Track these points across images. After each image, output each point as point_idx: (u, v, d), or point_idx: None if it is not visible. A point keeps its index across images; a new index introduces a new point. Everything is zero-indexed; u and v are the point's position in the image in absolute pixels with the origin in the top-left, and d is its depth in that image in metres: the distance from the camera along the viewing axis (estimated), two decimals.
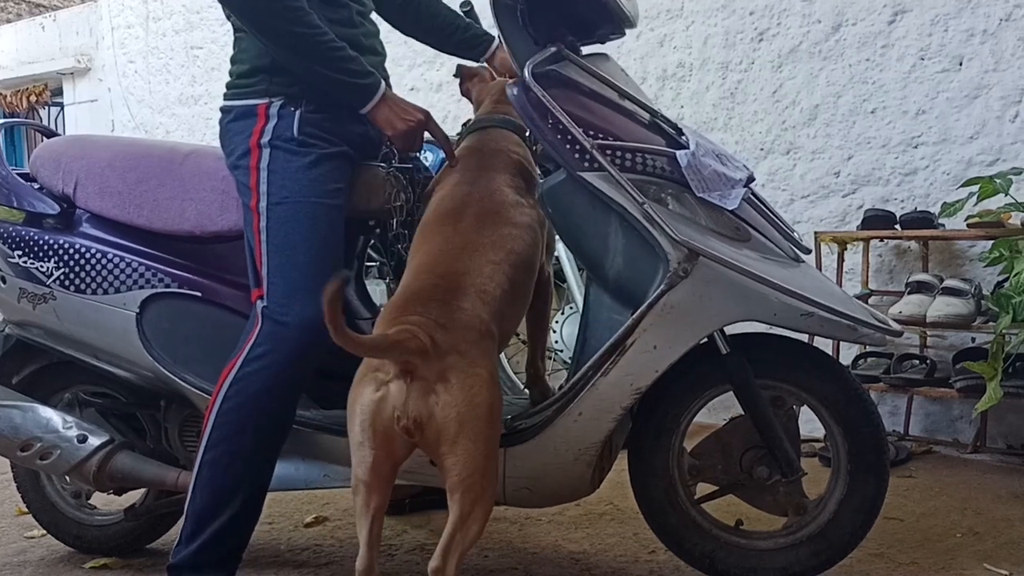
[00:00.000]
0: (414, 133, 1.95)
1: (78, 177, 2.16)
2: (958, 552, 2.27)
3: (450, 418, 1.56)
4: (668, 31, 4.02)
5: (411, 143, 1.98)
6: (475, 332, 1.66)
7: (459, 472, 1.57)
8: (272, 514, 2.66)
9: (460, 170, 1.98)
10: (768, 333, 1.90)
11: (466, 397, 1.57)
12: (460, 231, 1.83)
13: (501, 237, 1.83)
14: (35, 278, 2.12)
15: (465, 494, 1.57)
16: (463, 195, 1.91)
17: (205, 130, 5.74)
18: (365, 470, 1.61)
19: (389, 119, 1.92)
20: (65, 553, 2.43)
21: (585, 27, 1.95)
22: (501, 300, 1.76)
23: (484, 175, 1.94)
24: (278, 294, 1.87)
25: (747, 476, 1.92)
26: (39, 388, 2.26)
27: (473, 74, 2.24)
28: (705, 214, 1.81)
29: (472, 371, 1.60)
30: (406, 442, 1.61)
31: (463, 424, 1.56)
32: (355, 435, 1.61)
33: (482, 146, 2.02)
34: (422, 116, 1.96)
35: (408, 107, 1.95)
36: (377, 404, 1.58)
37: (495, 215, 1.87)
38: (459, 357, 1.60)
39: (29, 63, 7.23)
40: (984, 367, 2.68)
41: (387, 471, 1.63)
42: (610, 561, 2.27)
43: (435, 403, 1.57)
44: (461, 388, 1.58)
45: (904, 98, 3.47)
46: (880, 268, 3.51)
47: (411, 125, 1.94)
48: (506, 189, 1.92)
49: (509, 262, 1.81)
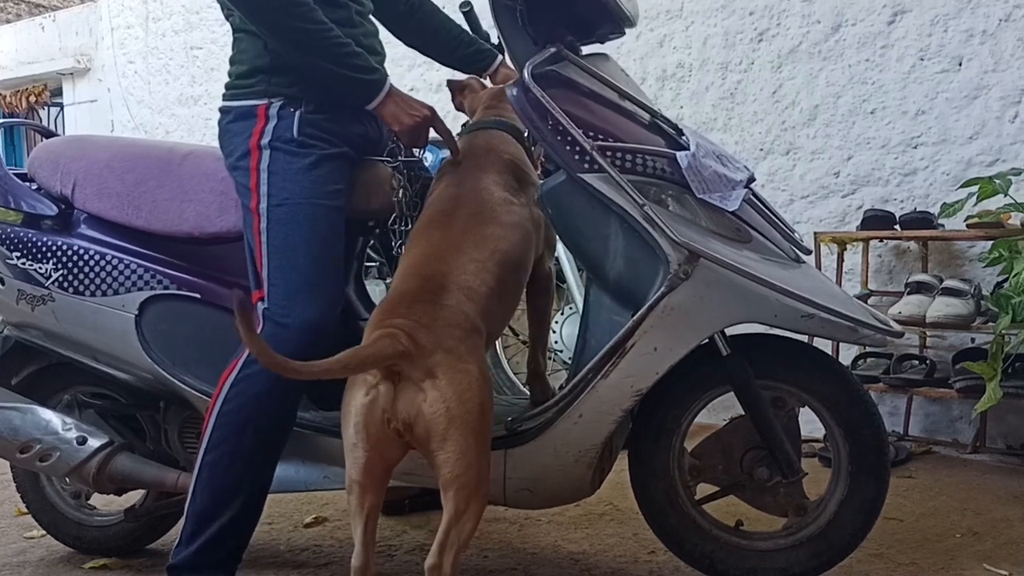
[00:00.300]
0: (420, 128, 1.96)
1: (76, 178, 2.15)
2: (958, 552, 2.27)
3: (438, 414, 1.56)
4: (668, 31, 4.02)
5: (417, 138, 1.98)
6: (460, 329, 1.66)
7: (451, 468, 1.57)
8: (272, 514, 2.65)
9: (449, 172, 1.99)
10: (768, 334, 1.90)
11: (454, 392, 1.58)
12: (446, 232, 1.83)
13: (486, 236, 1.83)
14: (34, 280, 2.11)
15: (459, 491, 1.58)
16: (450, 197, 1.92)
17: (204, 130, 5.74)
18: (358, 471, 1.62)
19: (396, 114, 1.93)
20: (65, 553, 2.43)
21: (585, 27, 1.95)
22: (487, 298, 1.77)
23: (472, 175, 1.95)
24: (279, 296, 1.87)
25: (747, 477, 1.92)
26: (38, 390, 2.26)
27: (463, 86, 2.24)
28: (706, 215, 1.81)
29: (460, 367, 1.61)
30: (399, 443, 1.61)
31: (452, 420, 1.57)
32: (349, 437, 1.62)
33: (472, 147, 2.03)
34: (428, 112, 1.96)
35: (414, 103, 1.96)
36: (368, 407, 1.59)
37: (480, 214, 1.87)
38: (445, 354, 1.61)
39: (29, 63, 7.23)
40: (984, 367, 2.68)
41: (380, 472, 1.64)
42: (610, 562, 2.26)
43: (423, 400, 1.57)
44: (449, 384, 1.58)
45: (904, 98, 3.47)
46: (880, 268, 3.51)
47: (417, 120, 1.94)
48: (493, 188, 1.92)
49: (495, 260, 1.82)
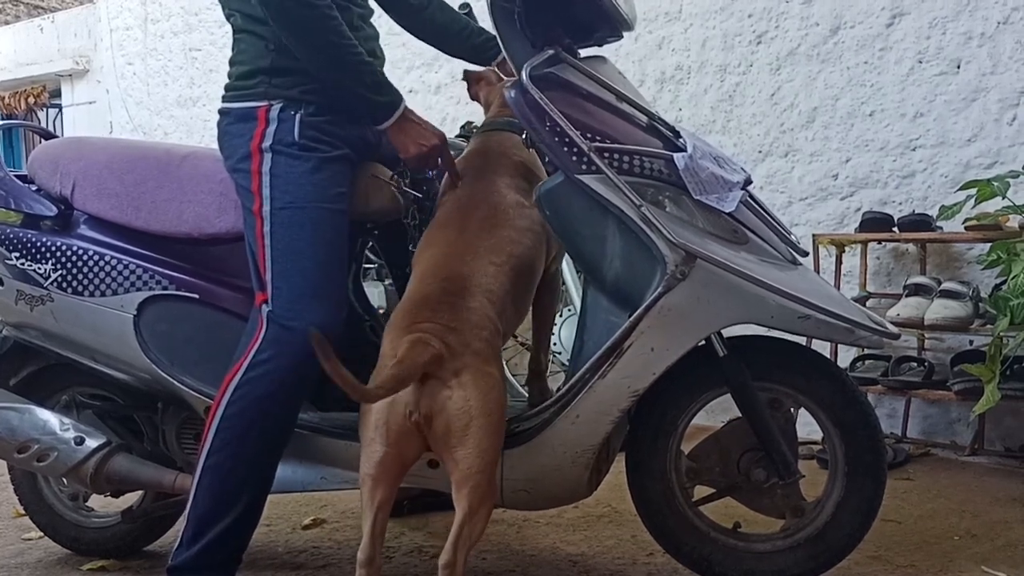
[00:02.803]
0: (426, 158, 1.95)
1: (76, 179, 2.16)
2: (956, 554, 2.27)
3: (462, 411, 1.62)
4: (666, 33, 4.02)
5: (423, 166, 1.98)
6: (487, 331, 1.73)
7: (468, 465, 1.62)
8: (270, 516, 2.65)
9: (463, 174, 2.01)
10: (765, 335, 1.90)
11: (479, 393, 1.64)
12: (462, 236, 1.87)
13: (502, 240, 1.87)
14: (33, 280, 2.11)
15: (473, 490, 1.62)
16: (465, 200, 1.95)
17: (203, 132, 5.74)
18: (373, 465, 1.66)
19: (403, 142, 1.92)
20: (62, 555, 2.42)
21: (582, 30, 1.95)
22: (504, 300, 1.82)
23: (485, 179, 1.97)
24: (284, 300, 1.86)
25: (744, 478, 1.92)
26: (36, 390, 2.26)
27: (480, 78, 2.24)
28: (703, 217, 1.81)
29: (485, 369, 1.67)
30: (418, 441, 1.65)
31: (473, 419, 1.62)
32: (367, 431, 1.66)
33: (485, 150, 2.05)
34: (436, 141, 1.94)
35: (423, 131, 1.93)
36: (391, 404, 1.63)
37: (496, 218, 1.90)
38: (473, 356, 1.67)
39: (27, 65, 7.23)
40: (982, 369, 2.68)
41: (396, 469, 1.68)
42: (608, 563, 2.26)
43: (448, 397, 1.63)
44: (475, 385, 1.64)
45: (902, 101, 3.47)
46: (878, 270, 3.52)
47: (423, 150, 1.93)
48: (507, 191, 1.95)
49: (511, 264, 1.86)
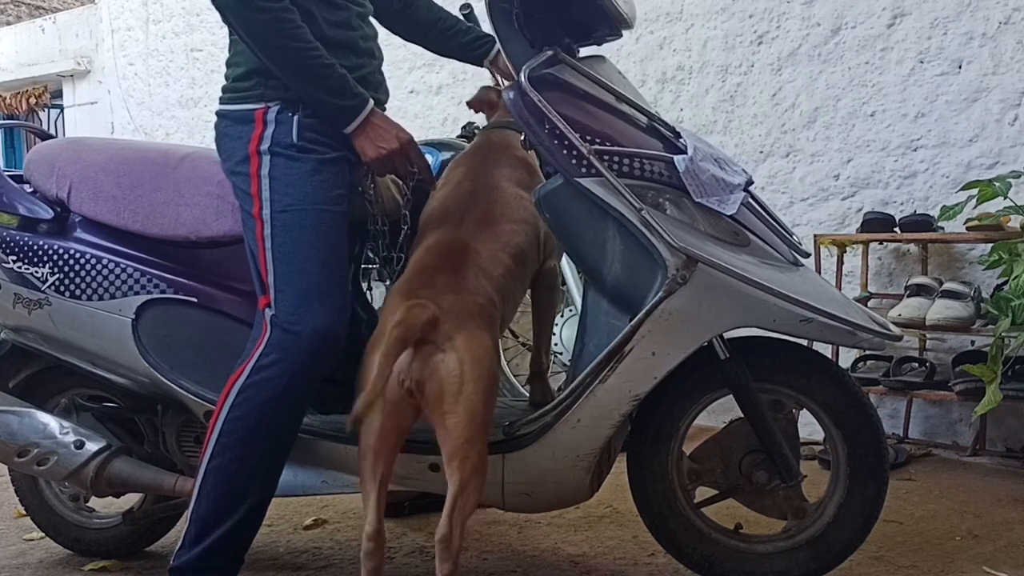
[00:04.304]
0: (386, 161, 1.89)
1: (72, 181, 2.14)
2: (957, 555, 2.27)
3: (454, 374, 1.64)
4: (668, 34, 4.02)
5: (386, 170, 1.92)
6: (482, 297, 1.75)
7: (459, 434, 1.64)
8: (271, 516, 2.63)
9: (464, 167, 2.03)
10: (767, 337, 1.90)
11: (471, 357, 1.66)
12: (461, 222, 1.90)
13: (500, 231, 1.91)
14: (30, 283, 2.10)
15: (464, 460, 1.64)
16: (465, 192, 1.97)
17: (204, 133, 5.73)
18: (373, 435, 1.69)
19: (363, 145, 1.86)
20: (64, 556, 2.43)
21: (581, 29, 1.93)
22: (499, 283, 1.84)
23: (486, 172, 2.00)
24: (287, 303, 1.85)
25: (746, 480, 1.92)
26: (35, 393, 2.26)
27: (483, 103, 2.22)
28: (703, 219, 1.80)
29: (478, 334, 1.69)
30: (411, 407, 1.68)
31: (465, 383, 1.64)
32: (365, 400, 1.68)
33: (487, 144, 2.09)
34: (397, 144, 1.87)
35: (386, 134, 1.87)
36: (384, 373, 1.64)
37: (494, 211, 1.93)
38: (467, 318, 1.69)
39: (29, 65, 7.23)
40: (983, 370, 2.68)
41: (393, 440, 1.71)
42: (609, 564, 2.26)
43: (440, 360, 1.66)
44: (467, 348, 1.66)
45: (903, 101, 3.46)
46: (879, 271, 3.51)
47: (382, 153, 1.87)
48: (506, 184, 1.98)
49: (507, 252, 1.90)
